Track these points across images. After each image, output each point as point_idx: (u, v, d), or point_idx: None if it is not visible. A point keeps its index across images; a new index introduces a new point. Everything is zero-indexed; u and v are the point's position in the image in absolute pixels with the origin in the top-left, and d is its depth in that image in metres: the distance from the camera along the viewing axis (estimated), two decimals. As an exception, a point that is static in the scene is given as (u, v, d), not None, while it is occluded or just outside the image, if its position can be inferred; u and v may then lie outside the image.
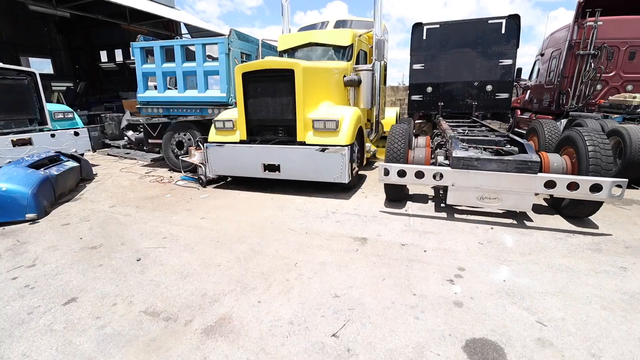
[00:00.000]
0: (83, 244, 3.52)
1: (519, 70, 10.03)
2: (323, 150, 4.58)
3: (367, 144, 6.72)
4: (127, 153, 8.42)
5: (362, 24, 7.58)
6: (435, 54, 8.10)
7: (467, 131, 5.59)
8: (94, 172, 6.53)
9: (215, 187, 5.53)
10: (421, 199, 4.71)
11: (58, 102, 10.09)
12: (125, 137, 8.87)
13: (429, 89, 8.30)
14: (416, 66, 8.28)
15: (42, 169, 4.81)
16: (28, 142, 6.28)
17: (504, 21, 7.46)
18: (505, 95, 7.85)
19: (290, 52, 6.69)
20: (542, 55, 9.91)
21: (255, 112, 4.95)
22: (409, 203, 4.51)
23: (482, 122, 6.64)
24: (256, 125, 5.04)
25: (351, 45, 6.26)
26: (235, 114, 5.10)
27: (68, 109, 7.21)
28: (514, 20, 7.42)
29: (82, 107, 14.43)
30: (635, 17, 7.13)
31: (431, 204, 4.50)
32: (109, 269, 2.98)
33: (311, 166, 4.69)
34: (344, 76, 5.98)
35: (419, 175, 3.79)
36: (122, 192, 5.37)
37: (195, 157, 5.71)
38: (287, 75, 4.60)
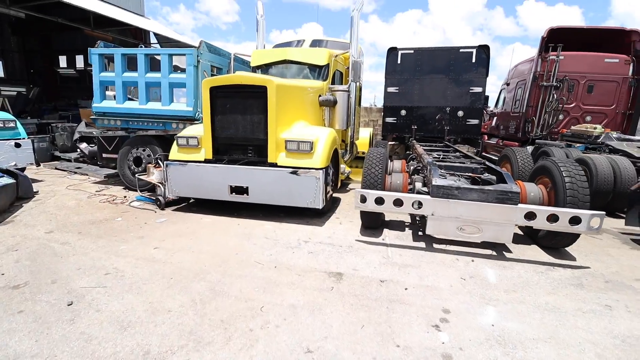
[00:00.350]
0: (4, 281, 2.90)
1: (486, 97, 10.47)
2: (296, 172, 4.26)
3: (342, 166, 6.50)
4: (78, 167, 7.62)
5: (338, 45, 7.52)
6: (409, 78, 8.20)
7: (442, 156, 5.53)
8: (35, 190, 5.75)
9: (175, 210, 5.01)
10: (398, 226, 4.49)
11: (2, 108, 9.09)
12: (78, 150, 8.08)
13: (403, 112, 8.35)
14: (391, 89, 8.32)
15: (-36, 187, 4.09)
16: (-45, 153, 5.45)
17: (474, 50, 7.72)
18: (475, 122, 8.04)
19: (264, 68, 6.43)
20: (507, 84, 10.40)
21: (223, 130, 4.57)
22: (385, 231, 4.27)
23: (455, 147, 6.67)
24: (224, 143, 4.65)
25: (327, 65, 6.12)
26: (201, 130, 4.69)
27: (9, 116, 6.41)
28: (483, 50, 7.69)
29: (34, 115, 13.23)
30: (592, 53, 7.64)
31: (408, 232, 4.28)
32: (30, 317, 2.41)
33: (283, 190, 4.35)
34: (319, 96, 5.78)
35: (398, 203, 3.56)
36: (64, 215, 4.70)
37: (154, 176, 5.18)
38: (260, 92, 4.30)
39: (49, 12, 12.09)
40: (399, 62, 8.13)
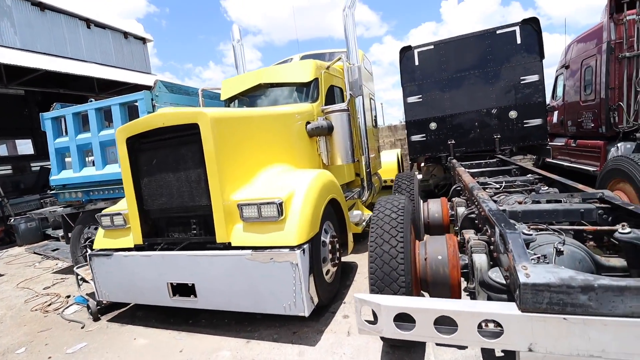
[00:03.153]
0: None
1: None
2: (258, 257, 2.52)
3: (356, 212, 4.69)
4: (55, 249, 6.55)
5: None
6: (434, 81, 6.33)
7: (504, 184, 3.53)
8: (-30, 296, 4.58)
9: (111, 320, 3.44)
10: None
11: (-3, 191, 8.60)
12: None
13: (433, 125, 6.40)
14: (411, 99, 6.47)
15: None
16: None
17: (517, 28, 5.73)
18: (537, 122, 5.86)
19: (239, 100, 4.98)
20: (566, 67, 8.08)
21: (153, 199, 3.02)
22: (431, 350, 2.30)
23: (517, 163, 4.55)
24: (158, 218, 3.09)
25: (315, 81, 4.50)
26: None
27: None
28: (530, 25, 5.68)
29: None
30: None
31: (473, 353, 2.27)
32: None
33: (243, 287, 2.61)
34: (307, 123, 4.13)
35: (445, 324, 1.66)
36: (-38, 345, 3.33)
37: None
38: (192, 134, 2.73)
39: (52, 85, 12.03)
40: (416, 63, 6.34)
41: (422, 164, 7.54)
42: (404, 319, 1.79)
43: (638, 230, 1.89)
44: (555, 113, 8.77)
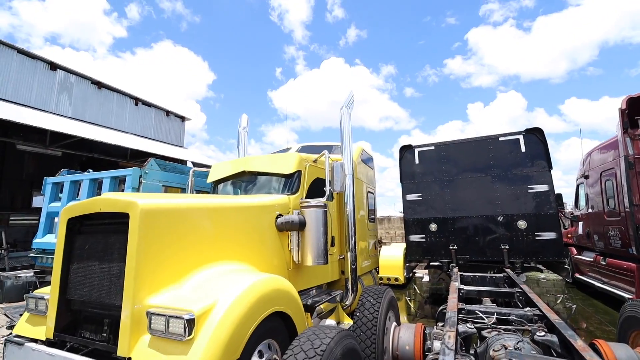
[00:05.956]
0: None
1: (559, 196, 7.63)
2: (151, 386, 2.05)
3: (329, 322, 4.11)
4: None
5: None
6: (434, 180, 6.10)
7: (494, 317, 2.92)
8: None
9: None
10: None
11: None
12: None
13: (433, 227, 5.94)
14: (411, 197, 6.19)
15: None
16: None
17: (520, 137, 5.57)
18: (551, 235, 5.24)
19: (223, 184, 4.97)
20: (586, 177, 7.61)
21: (76, 287, 2.75)
22: None
23: (523, 287, 3.84)
24: (78, 310, 2.77)
25: (297, 173, 4.41)
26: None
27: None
28: (535, 135, 5.51)
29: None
30: None
31: None
32: None
33: None
34: (278, 216, 3.90)
35: None
36: None
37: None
38: (124, 223, 2.55)
39: (91, 149, 13.25)
40: (417, 162, 6.22)
41: (429, 267, 6.85)
42: None
43: None
44: (580, 224, 8.00)
